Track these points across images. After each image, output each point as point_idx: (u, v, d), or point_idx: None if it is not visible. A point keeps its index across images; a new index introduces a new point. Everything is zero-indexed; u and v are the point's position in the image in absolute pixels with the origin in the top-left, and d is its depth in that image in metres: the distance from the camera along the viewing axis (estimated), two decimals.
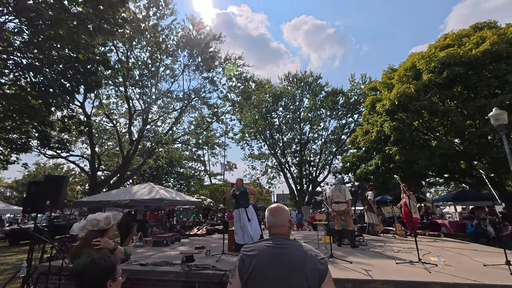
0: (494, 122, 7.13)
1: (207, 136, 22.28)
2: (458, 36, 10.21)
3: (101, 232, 2.29)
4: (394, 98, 10.10)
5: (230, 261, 4.91)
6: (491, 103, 8.41)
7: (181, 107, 18.67)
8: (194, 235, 9.10)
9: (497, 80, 8.50)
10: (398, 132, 10.63)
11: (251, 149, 31.70)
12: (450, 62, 9.02)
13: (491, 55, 8.51)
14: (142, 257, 5.37)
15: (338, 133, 29.96)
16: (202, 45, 16.49)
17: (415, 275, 3.70)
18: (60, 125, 10.98)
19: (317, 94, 29.67)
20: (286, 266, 1.42)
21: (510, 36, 8.51)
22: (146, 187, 10.15)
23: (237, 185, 6.07)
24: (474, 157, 9.84)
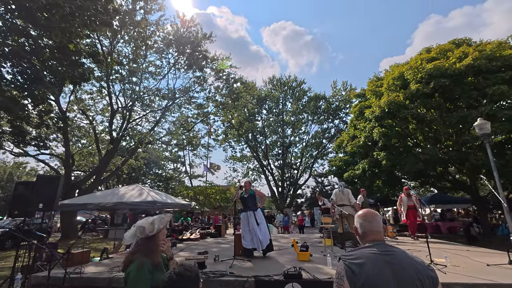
0: (479, 131, 7.69)
1: (190, 137, 21.68)
2: (441, 50, 10.98)
3: (149, 239, 2.09)
4: (385, 105, 10.56)
5: (243, 266, 4.75)
6: (472, 114, 9.12)
7: (166, 105, 18.02)
8: (187, 240, 8.74)
9: (477, 92, 9.25)
10: (387, 138, 11.13)
11: (234, 151, 31.48)
12: (436, 74, 9.66)
13: (473, 69, 9.26)
14: None
15: (319, 138, 30.76)
16: (192, 43, 16.08)
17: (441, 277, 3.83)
18: (37, 120, 10.08)
19: (300, 98, 30.30)
20: (400, 273, 1.36)
21: (489, 52, 9.33)
22: (134, 189, 9.58)
23: (245, 188, 5.92)
24: (455, 163, 10.56)
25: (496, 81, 8.94)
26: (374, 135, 11.57)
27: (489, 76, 9.20)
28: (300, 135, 31.78)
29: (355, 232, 1.66)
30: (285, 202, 30.34)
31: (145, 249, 1.89)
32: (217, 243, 8.17)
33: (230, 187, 24.14)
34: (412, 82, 10.52)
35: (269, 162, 30.96)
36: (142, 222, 2.22)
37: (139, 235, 2.13)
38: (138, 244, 2.06)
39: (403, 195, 7.71)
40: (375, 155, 11.93)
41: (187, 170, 30.18)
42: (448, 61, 9.86)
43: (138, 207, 8.78)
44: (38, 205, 4.58)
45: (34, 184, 4.69)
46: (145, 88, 16.45)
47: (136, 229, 2.15)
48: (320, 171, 33.12)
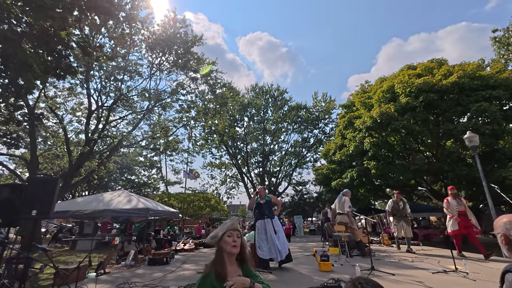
0: (469, 143, 8.25)
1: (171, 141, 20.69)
2: (426, 67, 11.79)
3: (217, 246, 1.76)
4: (377, 116, 10.96)
5: (268, 279, 4.41)
6: (458, 127, 9.81)
7: (148, 107, 17.04)
8: (182, 250, 8.07)
9: (462, 108, 10.00)
10: (377, 147, 11.52)
11: (214, 157, 30.70)
12: (425, 89, 10.30)
13: (458, 86, 10.03)
14: (154, 279, 4.43)
15: (299, 147, 31.26)
16: (182, 44, 15.51)
17: (466, 285, 3.84)
18: (6, 115, 8.83)
19: (281, 107, 30.69)
20: None
21: (470, 72, 10.19)
22: (121, 195, 8.74)
23: (261, 194, 5.59)
24: (441, 173, 11.22)
25: (477, 98, 9.76)
26: (365, 145, 11.92)
27: (471, 93, 10.02)
28: (279, 143, 32.05)
29: (504, 240, 1.49)
30: None
31: (214, 258, 1.62)
32: None
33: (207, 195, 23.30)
34: (402, 95, 11.10)
35: (249, 170, 30.67)
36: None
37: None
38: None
39: (450, 198, 6.21)
40: (365, 164, 12.26)
41: (163, 176, 28.67)
42: (434, 78, 10.58)
43: (129, 215, 7.97)
44: (31, 212, 3.83)
45: (24, 187, 3.94)
46: (127, 88, 15.39)
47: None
48: (298, 179, 33.57)
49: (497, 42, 12.40)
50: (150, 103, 16.96)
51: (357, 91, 16.00)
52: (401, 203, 6.96)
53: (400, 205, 6.96)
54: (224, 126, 21.55)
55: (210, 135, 29.44)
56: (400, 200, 7.04)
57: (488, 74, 10.18)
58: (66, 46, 7.45)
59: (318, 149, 31.68)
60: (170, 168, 27.49)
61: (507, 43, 12.08)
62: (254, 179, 31.46)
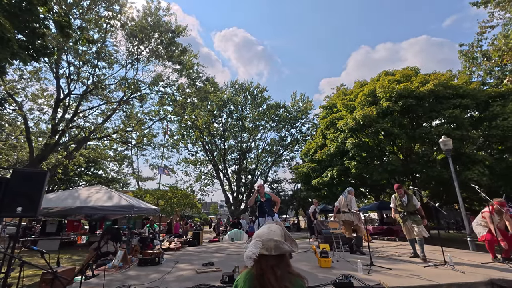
0: (443, 146, 8.96)
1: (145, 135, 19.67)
2: (404, 74, 12.56)
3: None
4: (360, 118, 11.44)
5: None
6: (432, 131, 10.60)
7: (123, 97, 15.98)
8: (168, 249, 7.69)
9: (436, 114, 10.83)
10: (358, 148, 12.03)
11: (190, 153, 29.85)
12: (405, 94, 10.97)
13: (433, 94, 10.84)
14: (153, 281, 4.15)
15: (276, 145, 31.63)
16: (163, 33, 14.74)
17: (457, 277, 4.15)
18: None
19: (260, 105, 30.75)
20: None
21: (444, 81, 11.08)
22: (100, 191, 8.08)
23: (261, 192, 5.51)
24: (412, 173, 12.05)
25: (449, 105, 10.64)
26: (347, 145, 12.39)
27: (444, 101, 10.90)
28: (256, 141, 32.15)
29: None
30: (240, 207, 30.06)
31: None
32: (207, 253, 7.41)
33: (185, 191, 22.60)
34: (383, 99, 11.71)
35: (225, 166, 30.33)
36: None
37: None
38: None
39: (491, 213, 5.14)
40: (346, 163, 12.75)
41: (135, 171, 27.22)
42: (413, 85, 11.32)
43: (112, 213, 7.39)
44: (15, 209, 3.33)
45: (7, 181, 3.42)
46: (102, 75, 14.25)
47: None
48: (273, 177, 33.99)
49: (463, 55, 13.59)
50: (126, 93, 15.94)
51: (337, 93, 16.56)
52: (405, 198, 5.80)
53: (403, 201, 5.81)
54: (204, 121, 21.01)
55: (186, 131, 28.60)
56: (404, 195, 5.83)
57: (459, 84, 11.18)
58: (41, 23, 6.66)
59: (294, 148, 32.41)
60: (144, 164, 26.11)
61: (472, 57, 13.31)
62: (231, 176, 31.23)
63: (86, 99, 15.35)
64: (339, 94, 16.32)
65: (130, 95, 16.40)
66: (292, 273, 1.28)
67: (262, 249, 1.31)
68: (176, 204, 14.70)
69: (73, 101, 15.45)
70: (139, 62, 16.41)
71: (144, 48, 15.80)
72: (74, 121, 15.06)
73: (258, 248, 1.32)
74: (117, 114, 18.65)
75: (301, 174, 16.58)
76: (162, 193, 15.32)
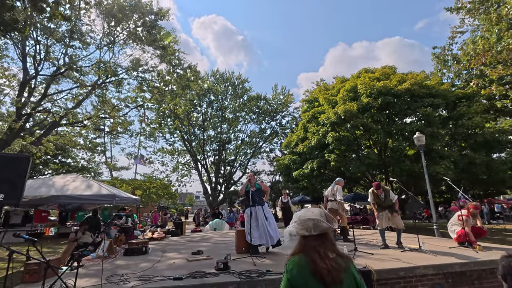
0: (417, 142, 9.61)
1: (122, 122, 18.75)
2: (383, 73, 13.17)
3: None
4: (341, 113, 11.86)
5: (265, 263, 4.48)
6: (406, 128, 11.30)
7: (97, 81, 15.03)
8: (151, 239, 7.53)
9: (411, 111, 11.55)
10: (339, 142, 12.50)
11: (167, 142, 29.00)
12: (384, 92, 11.53)
13: (409, 92, 11.52)
14: (144, 270, 4.09)
15: (256, 137, 31.78)
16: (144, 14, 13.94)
17: (431, 259, 4.57)
18: None
19: (241, 96, 30.55)
20: None
21: (420, 80, 11.80)
22: (76, 180, 7.67)
23: (251, 182, 5.58)
24: (385, 167, 12.81)
25: (423, 104, 11.38)
26: (328, 139, 12.81)
27: (418, 99, 11.64)
28: (236, 132, 32.04)
29: None
30: (218, 198, 30.02)
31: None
32: (192, 242, 7.38)
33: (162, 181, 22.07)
34: (363, 95, 12.21)
35: (204, 157, 29.96)
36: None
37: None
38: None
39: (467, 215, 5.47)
40: (326, 156, 13.21)
41: (108, 160, 25.96)
42: (391, 83, 11.92)
43: (92, 202, 7.04)
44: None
45: None
46: (75, 56, 13.23)
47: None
48: (252, 169, 34.23)
49: (436, 58, 14.52)
50: (101, 77, 14.98)
51: (319, 87, 16.94)
52: (382, 195, 5.78)
53: (381, 198, 5.82)
54: (184, 110, 20.43)
55: (164, 119, 27.69)
56: (382, 192, 5.78)
57: (432, 85, 11.98)
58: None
59: (274, 140, 32.81)
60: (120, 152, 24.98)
61: (444, 60, 14.28)
62: (209, 167, 30.94)
63: (57, 82, 14.22)
64: (321, 88, 16.71)
65: (105, 79, 15.48)
66: (338, 253, 1.28)
67: (302, 230, 1.33)
68: (154, 194, 14.31)
69: (40, 83, 14.26)
70: (115, 45, 15.48)
71: (122, 30, 14.91)
72: (41, 105, 13.94)
73: (297, 228, 1.36)
74: (89, 99, 17.62)
75: (282, 166, 16.90)
76: (139, 183, 14.80)
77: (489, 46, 11.19)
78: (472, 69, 12.88)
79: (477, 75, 12.18)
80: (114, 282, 3.49)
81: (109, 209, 14.44)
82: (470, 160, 11.43)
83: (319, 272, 1.19)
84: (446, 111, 12.57)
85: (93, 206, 10.12)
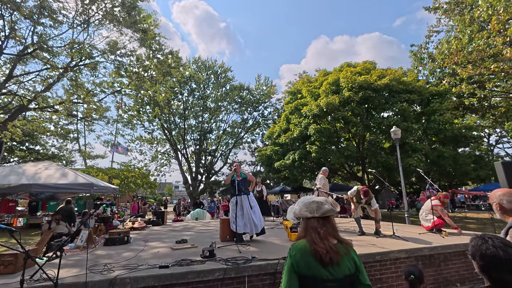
0: (393, 135, 10.11)
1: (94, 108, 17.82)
2: (364, 68, 13.56)
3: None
4: (324, 105, 12.12)
5: (250, 251, 4.59)
6: (384, 121, 11.81)
7: (70, 63, 14.09)
8: (132, 229, 7.37)
9: (388, 106, 12.05)
10: (320, 134, 12.82)
11: (146, 131, 28.05)
12: (365, 86, 11.90)
13: (388, 88, 11.98)
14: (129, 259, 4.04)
15: (238, 127, 31.62)
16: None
17: (404, 244, 4.93)
18: None
19: (224, 85, 30.08)
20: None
21: (398, 76, 12.30)
22: (50, 168, 7.28)
23: (237, 171, 5.61)
24: (362, 159, 13.38)
25: (400, 99, 11.92)
26: (310, 131, 13.08)
27: (396, 95, 12.16)
28: (217, 122, 31.67)
29: (498, 207, 1.98)
30: (199, 188, 29.81)
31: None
32: (175, 231, 7.33)
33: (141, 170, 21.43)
34: (345, 89, 12.53)
35: (185, 146, 29.43)
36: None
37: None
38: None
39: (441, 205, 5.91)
40: (308, 147, 13.51)
41: (81, 147, 24.71)
42: (372, 78, 12.31)
43: (68, 191, 6.72)
44: None
45: None
46: (46, 35, 12.23)
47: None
48: (233, 159, 34.22)
49: (413, 55, 15.16)
50: (75, 59, 14.06)
51: (302, 79, 17.12)
52: (364, 200, 5.99)
53: (362, 201, 6.05)
54: (165, 97, 19.78)
55: (143, 107, 26.70)
56: (367, 198, 5.91)
57: (409, 81, 12.55)
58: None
59: (255, 131, 32.85)
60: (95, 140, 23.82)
61: (420, 57, 14.95)
62: (190, 157, 30.48)
63: (24, 62, 13.14)
64: (304, 81, 16.89)
65: (79, 61, 14.55)
66: (338, 238, 1.33)
67: (305, 211, 1.38)
68: (133, 183, 13.93)
69: (4, 62, 13.12)
70: (90, 26, 14.50)
71: (97, 10, 13.98)
72: (5, 87, 12.89)
73: (301, 209, 1.41)
74: (61, 82, 16.55)
75: (264, 156, 17.06)
76: (117, 172, 14.31)
77: (462, 46, 11.84)
78: (445, 67, 13.62)
79: (449, 74, 12.92)
80: (97, 271, 3.42)
81: (84, 199, 13.86)
82: (440, 153, 12.24)
83: (318, 252, 1.24)
84: (420, 107, 13.26)
85: (68, 195, 9.66)
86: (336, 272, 1.25)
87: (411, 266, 2.58)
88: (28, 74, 14.53)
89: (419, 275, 2.41)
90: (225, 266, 3.56)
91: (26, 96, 13.48)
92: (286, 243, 5.23)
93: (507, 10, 9.71)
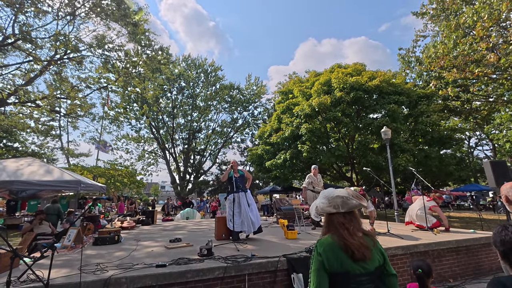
0: (384, 136, 10.31)
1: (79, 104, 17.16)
2: (355, 69, 13.78)
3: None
4: (316, 105, 12.20)
5: (249, 249, 4.49)
6: (374, 122, 12.02)
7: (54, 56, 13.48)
8: (121, 228, 7.08)
9: (379, 107, 12.29)
10: (311, 133, 12.90)
11: (133, 129, 27.31)
12: (356, 87, 12.08)
13: (378, 89, 12.22)
14: (122, 258, 3.85)
15: (227, 127, 31.37)
16: None
17: (398, 241, 4.98)
18: None
19: (214, 84, 29.77)
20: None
21: (388, 78, 12.56)
22: (33, 164, 6.88)
23: (234, 168, 5.50)
24: (351, 159, 13.57)
25: (390, 100, 12.18)
26: (301, 130, 13.13)
27: (385, 96, 12.42)
28: (206, 121, 31.32)
29: (506, 200, 2.03)
30: (187, 188, 29.35)
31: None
32: (166, 230, 7.11)
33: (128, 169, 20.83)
34: (337, 89, 12.67)
35: (173, 145, 28.89)
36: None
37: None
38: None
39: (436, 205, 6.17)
40: (299, 147, 13.56)
41: (64, 145, 23.74)
42: (362, 79, 12.52)
43: (53, 188, 6.37)
44: None
45: None
46: (28, 25, 11.62)
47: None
48: (223, 159, 33.96)
49: (402, 58, 15.56)
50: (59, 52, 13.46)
51: (293, 80, 17.22)
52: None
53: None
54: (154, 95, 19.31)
55: (130, 104, 26.00)
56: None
57: (398, 83, 12.86)
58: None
59: (245, 131, 32.71)
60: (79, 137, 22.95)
61: (408, 61, 15.36)
62: (178, 156, 29.95)
63: (4, 54, 12.44)
64: (295, 81, 16.98)
65: (63, 54, 13.94)
66: (364, 231, 1.29)
67: (329, 207, 1.30)
68: (120, 183, 13.47)
69: None
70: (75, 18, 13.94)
71: (83, 1, 13.45)
72: None
73: (324, 205, 1.33)
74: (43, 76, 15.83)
75: (255, 156, 16.98)
76: (103, 171, 13.80)
77: (447, 51, 12.25)
78: (432, 71, 14.06)
79: (436, 77, 13.33)
80: (89, 271, 3.22)
81: (68, 198, 13.27)
82: (426, 154, 12.60)
83: (350, 248, 1.19)
84: (408, 109, 13.61)
85: (52, 193, 9.19)
86: (368, 266, 1.22)
87: (419, 260, 2.58)
88: (8, 67, 13.80)
89: (427, 269, 2.40)
90: (225, 265, 3.45)
91: (5, 89, 12.77)
92: (283, 241, 5.17)
93: (491, 17, 10.12)
